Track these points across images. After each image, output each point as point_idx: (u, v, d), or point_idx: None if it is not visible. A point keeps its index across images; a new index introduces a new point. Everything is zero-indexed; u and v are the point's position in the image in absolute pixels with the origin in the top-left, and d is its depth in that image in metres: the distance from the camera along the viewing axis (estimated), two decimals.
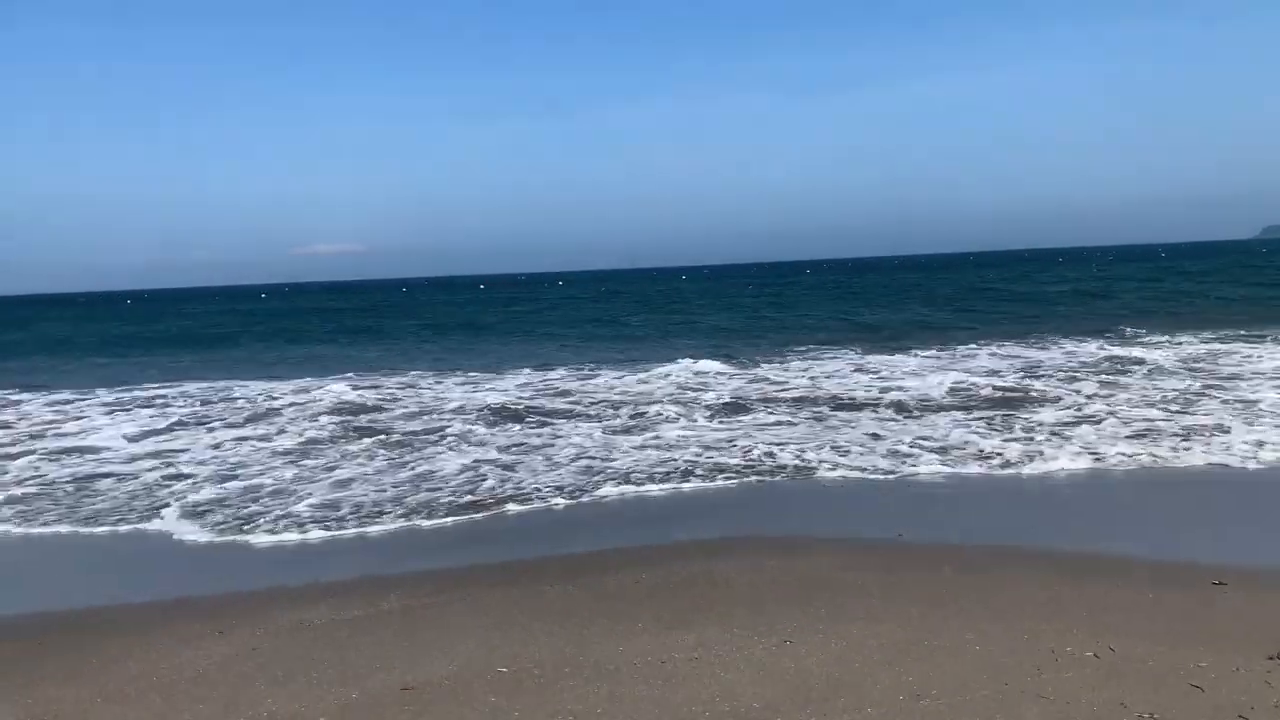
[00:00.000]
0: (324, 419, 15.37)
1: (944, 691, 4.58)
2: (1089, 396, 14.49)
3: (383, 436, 13.58)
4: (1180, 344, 21.56)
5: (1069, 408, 13.57)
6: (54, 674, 5.42)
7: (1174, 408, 13.17)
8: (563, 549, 7.92)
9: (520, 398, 17.13)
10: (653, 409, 15.05)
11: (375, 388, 19.62)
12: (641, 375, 20.08)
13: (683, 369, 20.57)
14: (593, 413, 15.09)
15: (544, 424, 14.22)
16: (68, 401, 19.39)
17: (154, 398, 19.56)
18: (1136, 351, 20.28)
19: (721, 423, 13.68)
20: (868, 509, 9.04)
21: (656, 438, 12.65)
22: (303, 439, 13.65)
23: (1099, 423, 12.26)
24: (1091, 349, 21.50)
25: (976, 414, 13.44)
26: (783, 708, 4.49)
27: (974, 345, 23.83)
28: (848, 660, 5.04)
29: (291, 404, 17.51)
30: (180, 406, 17.97)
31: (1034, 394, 15.01)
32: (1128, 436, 11.41)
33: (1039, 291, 47.10)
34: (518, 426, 14.05)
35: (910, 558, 7.13)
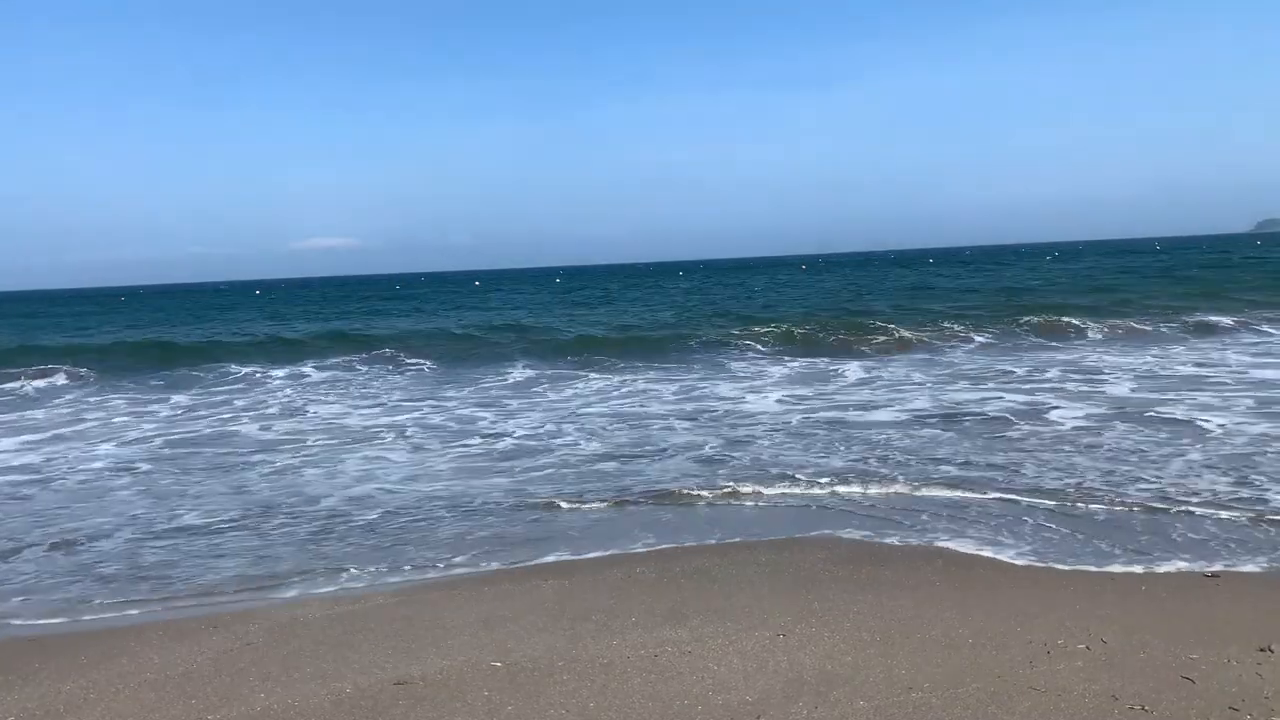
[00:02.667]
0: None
1: (936, 685, 4.59)
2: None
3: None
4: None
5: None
6: (47, 670, 5.42)
7: None
8: (557, 545, 7.92)
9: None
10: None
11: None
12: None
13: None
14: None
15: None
16: None
17: None
18: None
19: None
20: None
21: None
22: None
23: None
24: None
25: None
26: (775, 700, 4.50)
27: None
28: (840, 654, 5.05)
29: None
30: None
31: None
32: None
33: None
34: None
35: (903, 552, 7.14)
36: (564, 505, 9.11)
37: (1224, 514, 7.81)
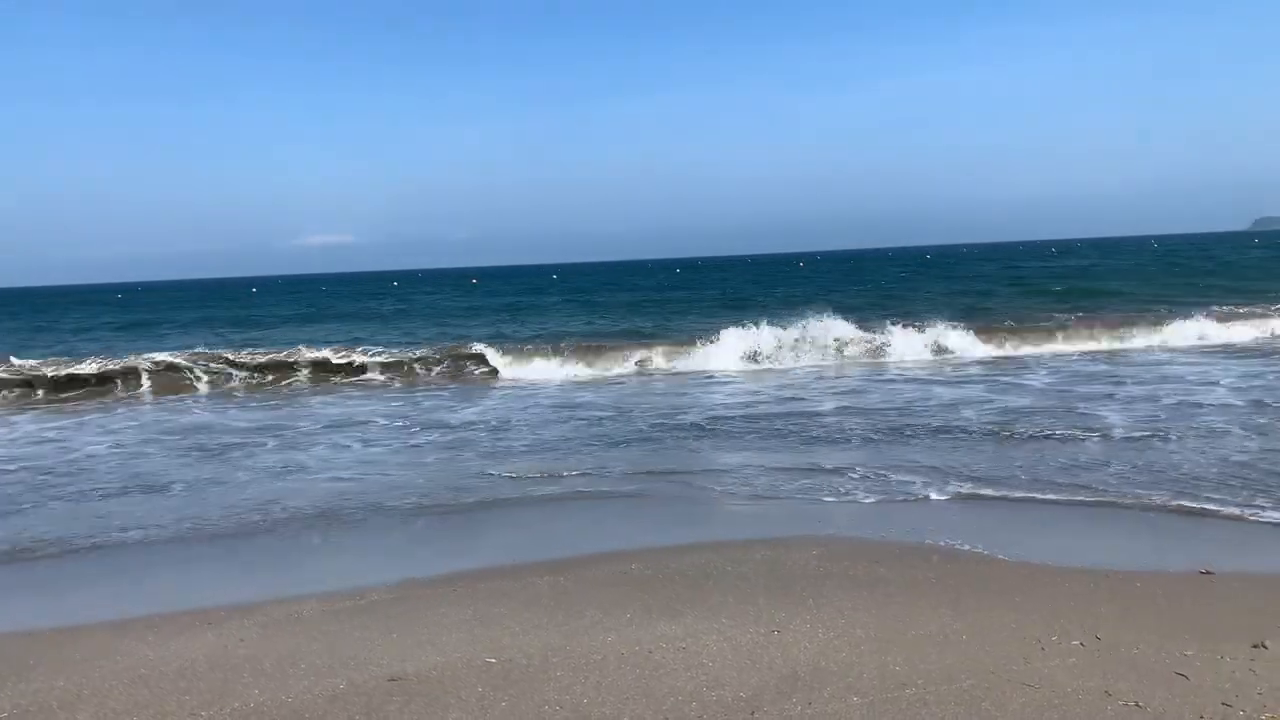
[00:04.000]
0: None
1: (930, 680, 4.60)
2: None
3: None
4: None
5: None
6: (40, 667, 5.41)
7: None
8: (551, 541, 7.91)
9: None
10: None
11: None
12: None
13: None
14: None
15: None
16: None
17: None
18: None
19: None
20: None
21: None
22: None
23: None
24: None
25: None
26: (768, 696, 4.50)
27: None
28: (834, 650, 5.05)
29: None
30: None
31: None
32: None
33: None
34: None
35: (897, 549, 7.14)
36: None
37: (1214, 510, 7.83)
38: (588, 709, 4.47)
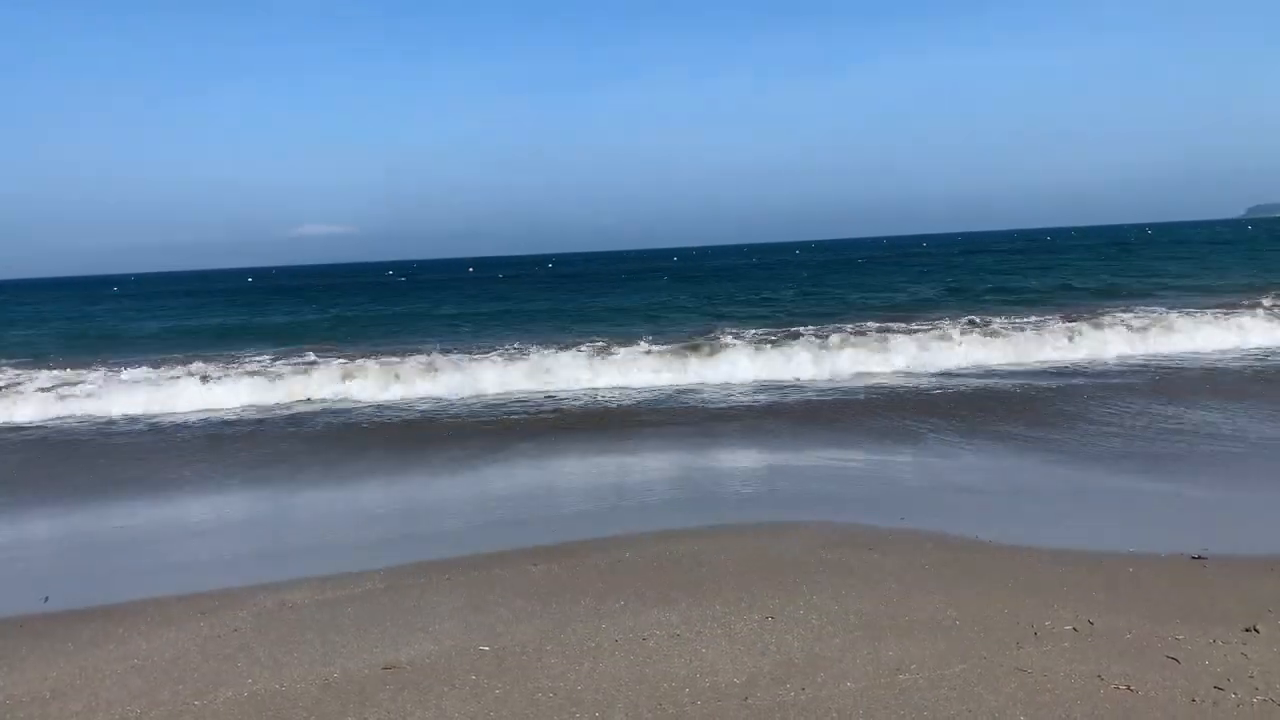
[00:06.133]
0: None
1: (923, 666, 4.61)
2: None
3: None
4: None
5: None
6: (33, 656, 5.40)
7: None
8: (548, 528, 7.90)
9: None
10: None
11: None
12: None
13: None
14: None
15: None
16: None
17: None
18: None
19: None
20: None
21: None
22: None
23: None
24: None
25: None
26: (762, 682, 4.50)
27: None
28: (828, 636, 5.06)
29: None
30: None
31: None
32: None
33: None
34: None
35: (892, 537, 7.14)
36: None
37: (1205, 495, 7.84)
38: (581, 695, 4.47)
